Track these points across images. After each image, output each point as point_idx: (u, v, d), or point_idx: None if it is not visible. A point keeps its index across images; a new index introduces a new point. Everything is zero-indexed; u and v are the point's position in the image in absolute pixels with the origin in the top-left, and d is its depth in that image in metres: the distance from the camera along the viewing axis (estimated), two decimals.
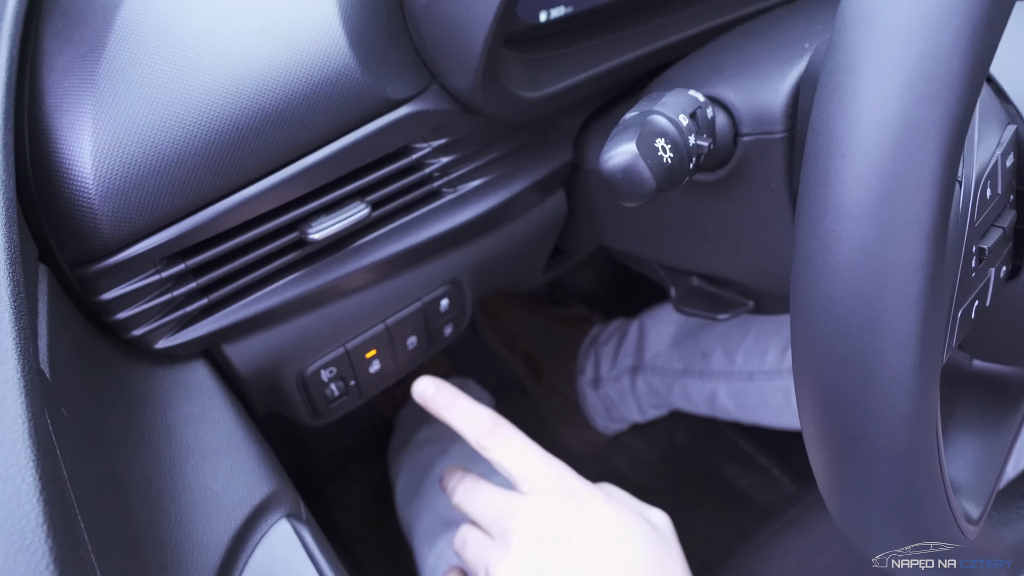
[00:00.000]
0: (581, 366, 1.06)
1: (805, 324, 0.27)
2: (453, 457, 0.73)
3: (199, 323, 0.41)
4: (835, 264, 0.26)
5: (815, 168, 0.26)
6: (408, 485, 0.74)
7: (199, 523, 0.38)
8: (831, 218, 0.25)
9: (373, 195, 0.43)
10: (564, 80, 0.45)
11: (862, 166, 0.24)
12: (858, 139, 0.24)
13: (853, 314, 0.26)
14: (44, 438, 0.24)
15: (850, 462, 0.29)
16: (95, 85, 0.34)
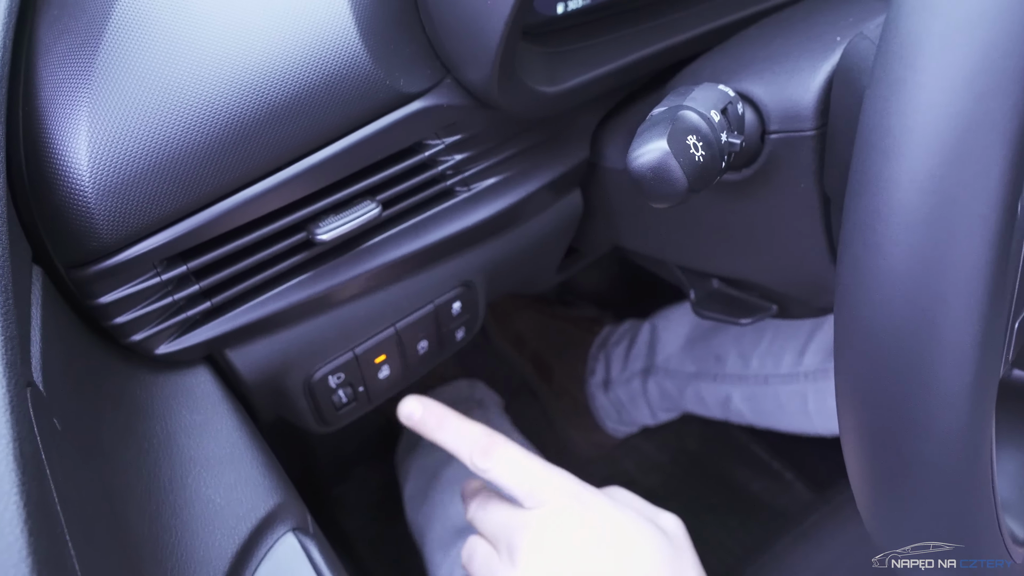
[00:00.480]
0: (591, 368, 1.04)
1: (852, 335, 0.26)
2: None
3: (202, 327, 0.39)
4: (887, 273, 0.24)
5: (866, 168, 0.24)
6: (418, 489, 0.73)
7: (201, 538, 0.36)
8: (884, 223, 0.23)
9: (384, 194, 0.41)
10: (583, 74, 0.43)
11: (919, 166, 0.22)
12: (915, 136, 0.22)
13: (906, 325, 0.24)
14: (31, 460, 0.22)
15: (896, 479, 0.27)
16: (91, 76, 0.33)
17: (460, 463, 0.71)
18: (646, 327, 1.00)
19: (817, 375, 0.80)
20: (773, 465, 1.06)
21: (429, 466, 0.73)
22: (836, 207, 0.41)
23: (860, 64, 0.35)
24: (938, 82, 0.22)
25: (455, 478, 0.69)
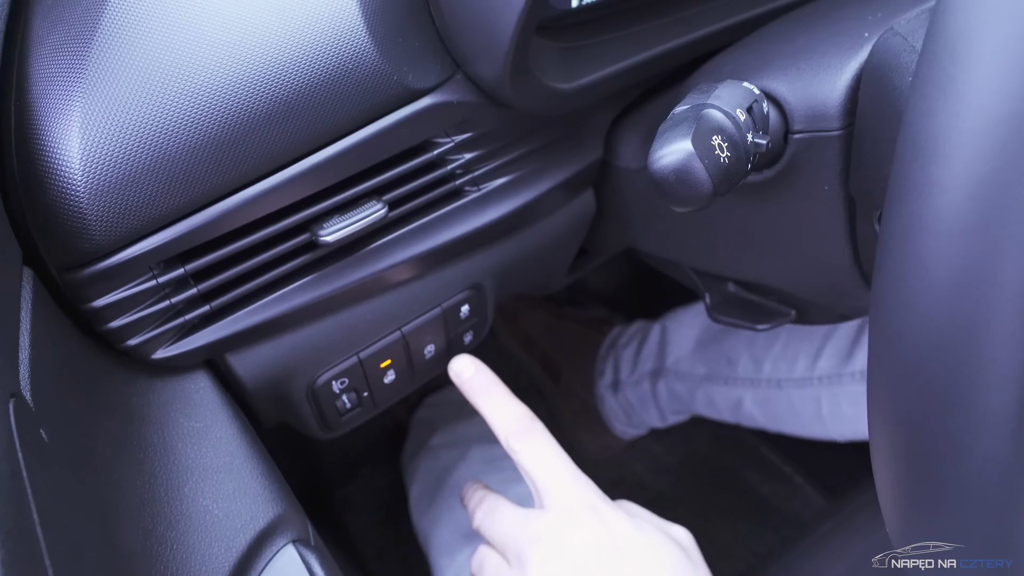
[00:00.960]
0: (600, 369, 1.02)
1: (889, 349, 0.24)
2: (471, 463, 0.70)
3: (201, 331, 0.38)
4: (930, 284, 0.22)
5: (909, 173, 0.22)
6: (424, 492, 0.71)
7: (197, 550, 0.35)
8: (927, 232, 0.22)
9: (391, 194, 0.40)
10: (599, 71, 0.42)
11: (970, 171, 0.20)
12: (966, 138, 0.20)
13: (949, 343, 0.22)
14: (10, 481, 0.21)
15: (932, 503, 0.26)
16: (85, 69, 0.31)
17: (467, 466, 0.70)
18: (656, 328, 0.98)
19: (831, 380, 0.79)
20: (784, 469, 1.04)
21: (435, 468, 0.72)
22: (861, 211, 0.39)
23: (890, 61, 0.34)
24: (992, 80, 0.20)
25: (461, 481, 0.67)
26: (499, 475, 0.67)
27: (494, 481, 0.66)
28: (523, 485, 0.65)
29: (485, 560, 0.46)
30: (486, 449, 0.72)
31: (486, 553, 0.46)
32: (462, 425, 0.79)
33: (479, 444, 0.74)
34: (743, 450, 1.06)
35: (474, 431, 0.78)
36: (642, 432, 1.04)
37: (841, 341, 0.78)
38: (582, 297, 1.17)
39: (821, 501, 1.01)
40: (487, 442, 0.74)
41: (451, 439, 0.77)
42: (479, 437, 0.76)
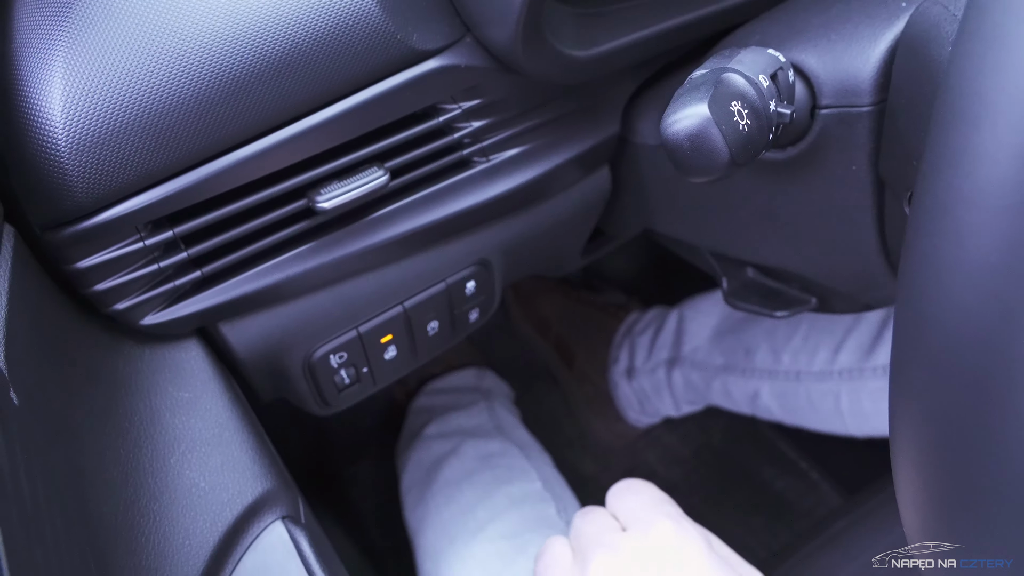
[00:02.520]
0: (615, 355, 1.01)
1: (918, 336, 0.22)
2: (463, 458, 0.68)
3: (192, 298, 0.36)
4: (967, 265, 0.20)
5: (947, 141, 0.20)
6: (413, 483, 0.69)
7: (181, 524, 0.33)
8: (967, 206, 0.19)
9: (393, 161, 0.38)
10: (617, 39, 0.40)
11: (1017, 137, 0.18)
12: (1014, 100, 0.18)
13: (987, 330, 0.20)
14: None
15: (963, 508, 0.24)
16: (68, 20, 0.30)
17: (459, 461, 0.67)
18: (673, 316, 0.96)
19: (852, 374, 0.76)
20: (800, 464, 1.02)
21: (425, 460, 0.70)
22: (892, 193, 0.37)
23: (929, 32, 0.31)
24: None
25: (451, 477, 0.65)
26: (491, 472, 0.65)
27: (484, 480, 0.64)
28: (514, 485, 0.63)
29: (549, 548, 0.44)
30: (480, 444, 0.70)
31: (555, 542, 0.44)
32: (458, 416, 0.77)
33: (473, 438, 0.71)
34: (759, 443, 1.04)
35: (469, 423, 0.76)
36: (656, 421, 1.02)
37: (863, 335, 0.76)
38: (599, 281, 1.15)
39: (837, 498, 0.99)
40: (483, 435, 0.73)
41: (445, 430, 0.75)
42: (474, 430, 0.74)
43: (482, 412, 0.78)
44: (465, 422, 0.76)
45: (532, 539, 0.56)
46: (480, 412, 0.78)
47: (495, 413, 0.79)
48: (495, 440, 0.71)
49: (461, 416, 0.77)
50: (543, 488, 0.63)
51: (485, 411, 0.78)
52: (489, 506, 0.59)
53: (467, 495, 0.62)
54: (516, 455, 0.68)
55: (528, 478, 0.64)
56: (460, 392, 0.85)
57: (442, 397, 0.84)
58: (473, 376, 0.89)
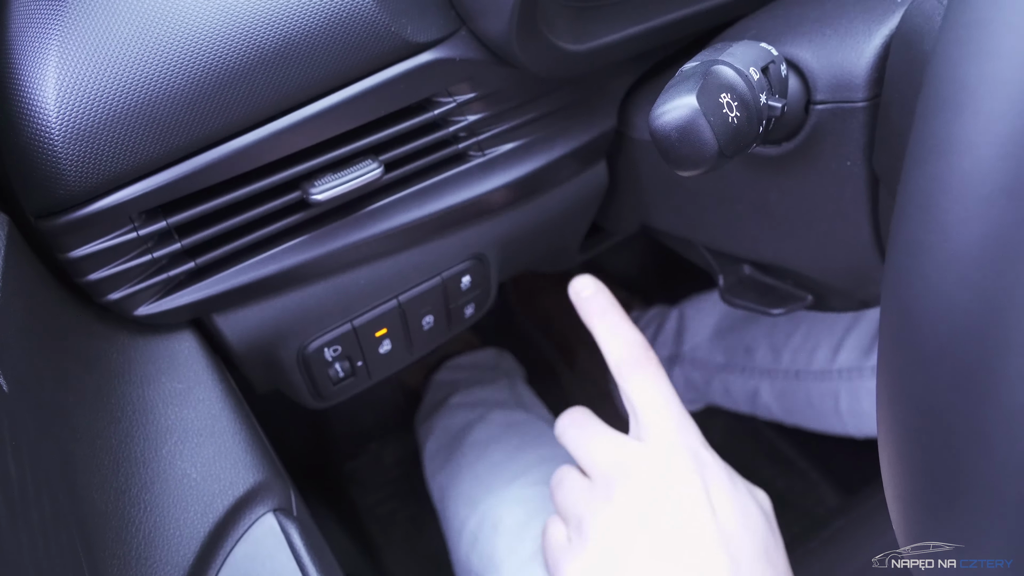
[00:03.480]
0: None
1: (903, 330, 0.22)
2: (490, 424, 0.68)
3: (186, 289, 0.36)
4: (951, 256, 0.20)
5: (931, 130, 0.20)
6: (440, 448, 0.69)
7: (172, 514, 0.33)
8: (950, 196, 0.19)
9: (388, 154, 0.38)
10: (613, 33, 0.40)
11: (1002, 126, 0.18)
12: (999, 88, 0.18)
13: (970, 322, 0.20)
14: None
15: (949, 504, 0.24)
16: (64, 8, 0.30)
17: (486, 427, 0.67)
18: (674, 314, 0.96)
19: (852, 374, 0.76)
20: (799, 464, 1.02)
21: (452, 427, 0.70)
22: (886, 188, 0.37)
23: (924, 27, 0.31)
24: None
25: (479, 440, 0.65)
26: (518, 439, 0.65)
27: (512, 444, 0.64)
28: (543, 448, 0.63)
29: (566, 478, 0.43)
30: (507, 413, 0.70)
31: (568, 471, 0.43)
32: (482, 390, 0.78)
33: (499, 408, 0.72)
34: (759, 442, 1.04)
35: (495, 396, 0.76)
36: None
37: (863, 334, 0.75)
38: (601, 280, 1.15)
39: (836, 498, 0.99)
40: (508, 407, 0.73)
41: (470, 400, 0.75)
42: (499, 402, 0.74)
43: (504, 388, 0.79)
44: (489, 395, 0.76)
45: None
46: (503, 388, 0.79)
47: (516, 390, 0.79)
48: (519, 411, 0.71)
49: (485, 390, 0.78)
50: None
51: (507, 387, 0.79)
52: (521, 461, 0.60)
53: (497, 454, 0.62)
54: (542, 424, 0.69)
55: (554, 443, 0.65)
56: (481, 369, 0.85)
57: (464, 372, 0.85)
58: (493, 356, 0.89)
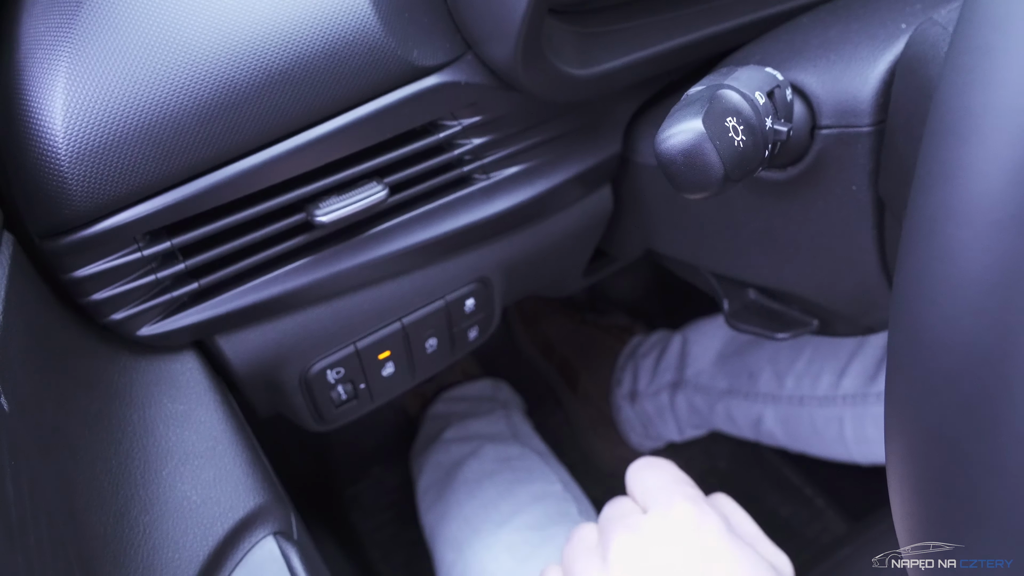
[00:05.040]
0: (618, 378, 1.00)
1: (909, 357, 0.21)
2: (483, 460, 0.68)
3: (189, 310, 0.36)
4: (958, 281, 0.20)
5: (937, 157, 0.20)
6: (432, 484, 0.69)
7: (171, 537, 0.33)
8: (957, 222, 0.19)
9: (392, 176, 0.38)
10: (617, 58, 0.40)
11: (1008, 152, 0.18)
12: (1004, 115, 0.18)
13: (978, 347, 0.20)
14: None
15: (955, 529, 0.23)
16: (73, 30, 0.30)
17: (479, 462, 0.67)
18: (677, 339, 0.95)
19: (856, 399, 0.75)
20: (805, 491, 1.01)
21: (445, 462, 0.70)
22: (892, 214, 0.37)
23: (928, 53, 0.31)
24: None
25: (471, 477, 0.65)
26: (511, 473, 0.65)
27: (505, 480, 0.64)
28: (535, 485, 0.62)
29: (577, 531, 0.44)
30: (500, 448, 0.70)
31: (583, 526, 0.44)
32: (477, 422, 0.77)
33: (492, 442, 0.72)
34: (764, 469, 1.03)
35: (488, 429, 0.76)
36: (659, 445, 1.01)
37: (867, 359, 0.75)
38: (605, 304, 1.15)
39: (843, 525, 0.98)
40: (501, 441, 0.73)
41: (464, 434, 0.75)
42: (493, 435, 0.74)
43: (500, 420, 0.78)
44: (483, 428, 0.76)
45: (556, 531, 0.56)
46: (498, 420, 0.78)
47: (512, 421, 0.79)
48: (514, 445, 0.71)
49: (480, 422, 0.77)
50: (563, 489, 0.63)
51: (503, 419, 0.79)
52: (512, 501, 0.59)
53: (489, 492, 0.62)
54: (535, 459, 0.69)
55: (548, 479, 0.64)
56: (477, 401, 0.85)
57: (460, 404, 0.85)
58: (490, 387, 0.89)
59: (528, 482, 0.63)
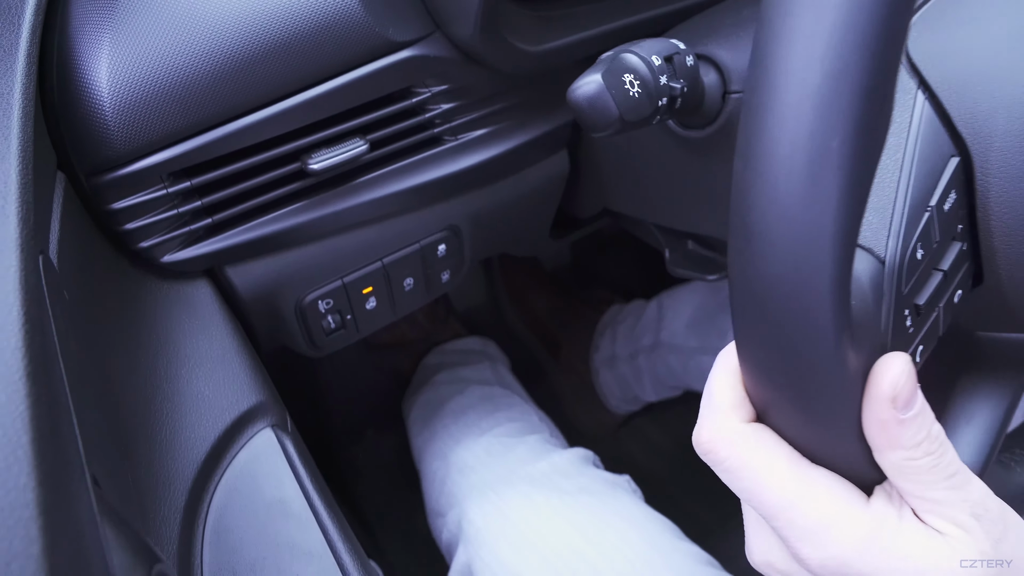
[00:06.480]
0: (597, 344, 1.07)
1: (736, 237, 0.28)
2: (469, 397, 0.76)
3: (204, 242, 0.44)
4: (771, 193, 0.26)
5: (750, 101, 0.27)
6: (420, 416, 0.77)
7: (188, 423, 0.41)
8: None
9: (374, 134, 0.46)
10: (565, 37, 0.47)
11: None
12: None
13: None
14: (36, 318, 0.27)
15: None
16: (114, 13, 0.38)
17: (464, 399, 0.75)
18: (653, 305, 1.02)
19: None
20: None
21: (434, 399, 0.78)
22: None
23: None
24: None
25: (457, 409, 0.73)
26: (492, 404, 0.73)
27: (486, 409, 0.72)
28: (514, 411, 0.71)
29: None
30: (485, 388, 0.78)
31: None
32: (465, 370, 0.85)
33: (479, 384, 0.80)
34: None
35: (475, 375, 0.84)
36: (636, 408, 1.08)
37: None
38: (587, 280, 1.22)
39: None
40: (486, 384, 0.81)
41: (452, 378, 0.83)
42: (480, 380, 0.82)
43: (487, 369, 0.86)
44: (471, 374, 0.84)
45: (531, 439, 0.63)
46: (485, 369, 0.86)
47: (498, 371, 0.87)
48: (497, 388, 0.79)
49: (467, 370, 0.85)
50: (539, 420, 0.71)
51: (489, 368, 0.87)
52: (491, 421, 0.68)
53: (471, 416, 0.70)
54: (516, 399, 0.76)
55: (526, 412, 0.73)
56: (467, 353, 0.93)
57: (451, 356, 0.92)
58: (479, 343, 0.97)
59: (508, 412, 0.71)
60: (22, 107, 0.33)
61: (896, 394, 0.27)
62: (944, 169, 0.32)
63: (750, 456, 0.30)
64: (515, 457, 0.63)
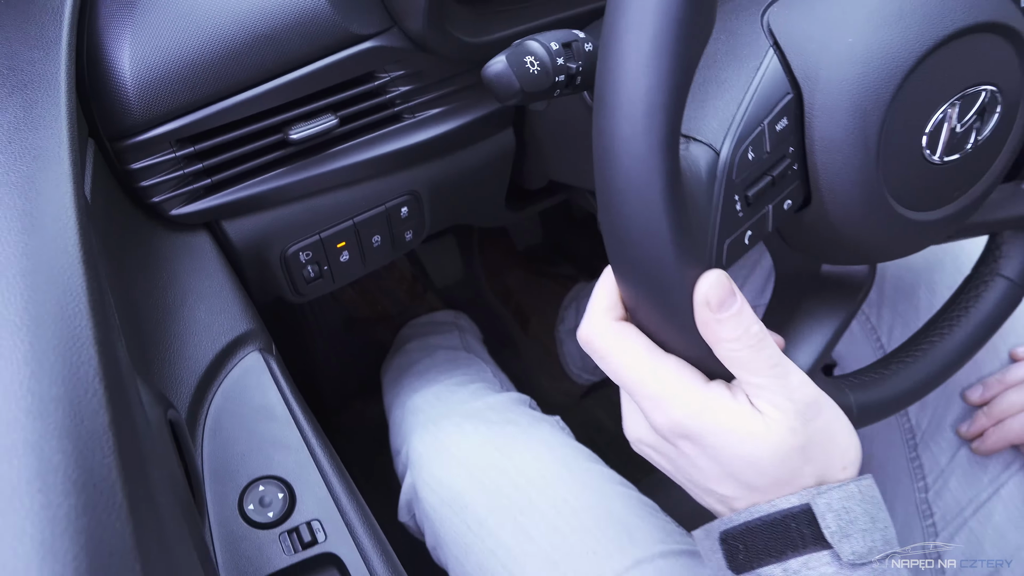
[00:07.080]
0: (561, 316, 1.17)
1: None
2: (435, 359, 0.86)
3: (204, 199, 0.54)
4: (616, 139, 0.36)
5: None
6: (392, 379, 0.87)
7: (192, 342, 0.51)
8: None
9: (343, 111, 0.55)
10: (503, 30, 0.57)
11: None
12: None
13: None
14: (90, 250, 0.37)
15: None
16: (134, 12, 0.48)
17: (432, 361, 0.86)
18: None
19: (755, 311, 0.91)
20: None
21: (404, 363, 0.88)
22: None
23: None
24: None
25: (423, 370, 0.83)
26: (453, 366, 0.83)
27: (447, 369, 0.82)
28: (472, 370, 0.80)
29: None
30: (450, 352, 0.88)
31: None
32: (435, 337, 0.96)
33: (446, 349, 0.90)
34: None
35: (444, 342, 0.94)
36: (596, 379, 1.18)
37: (757, 278, 0.91)
38: (558, 258, 1.32)
39: None
40: (453, 349, 0.91)
41: (422, 345, 0.93)
42: (448, 346, 0.92)
43: (455, 337, 0.96)
44: (440, 341, 0.94)
45: (474, 386, 0.73)
46: (453, 337, 0.96)
47: (466, 339, 0.97)
48: (462, 353, 0.89)
49: (437, 337, 0.95)
50: (492, 376, 0.81)
51: (457, 337, 0.97)
52: (448, 376, 0.78)
53: (432, 373, 0.80)
54: (478, 362, 0.86)
55: (482, 369, 0.83)
56: (439, 324, 1.03)
57: (424, 327, 1.02)
58: (451, 315, 1.07)
59: (466, 367, 0.81)
60: (67, 86, 0.42)
61: (708, 299, 0.37)
62: (780, 101, 0.42)
63: (616, 345, 0.40)
64: (456, 399, 0.73)
